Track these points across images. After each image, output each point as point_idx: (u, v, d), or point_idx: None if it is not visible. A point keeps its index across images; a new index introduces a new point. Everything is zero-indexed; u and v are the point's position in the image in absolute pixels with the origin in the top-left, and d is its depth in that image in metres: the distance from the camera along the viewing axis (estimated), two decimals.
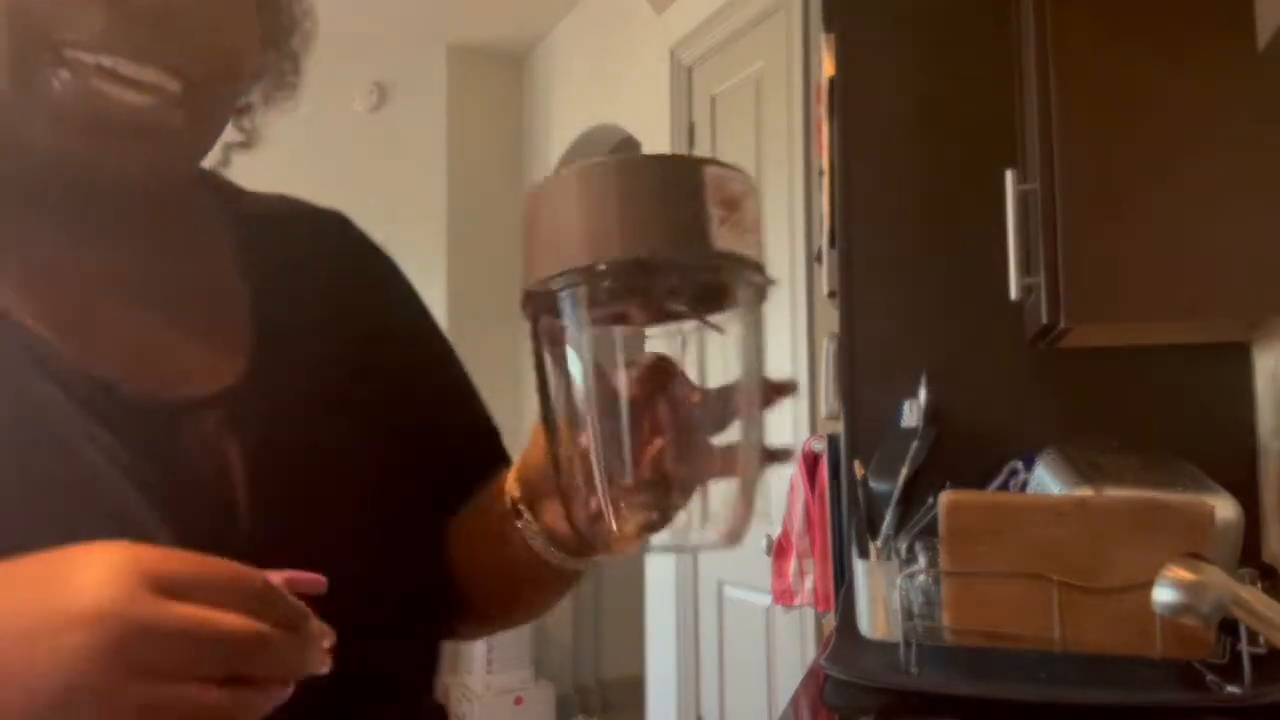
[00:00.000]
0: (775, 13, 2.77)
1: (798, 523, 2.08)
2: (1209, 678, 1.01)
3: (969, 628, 1.09)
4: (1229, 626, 0.97)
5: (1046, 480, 1.36)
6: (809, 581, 2.06)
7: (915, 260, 1.78)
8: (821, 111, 2.12)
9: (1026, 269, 1.41)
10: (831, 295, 2.00)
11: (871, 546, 1.34)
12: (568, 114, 4.01)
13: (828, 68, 1.94)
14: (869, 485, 1.56)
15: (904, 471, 1.53)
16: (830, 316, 2.21)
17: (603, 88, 3.74)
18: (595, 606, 4.32)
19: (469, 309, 3.86)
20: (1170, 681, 1.03)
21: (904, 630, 1.10)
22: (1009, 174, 1.44)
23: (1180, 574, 0.81)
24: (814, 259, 2.50)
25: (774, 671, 2.61)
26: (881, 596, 1.26)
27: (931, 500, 1.19)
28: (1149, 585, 0.83)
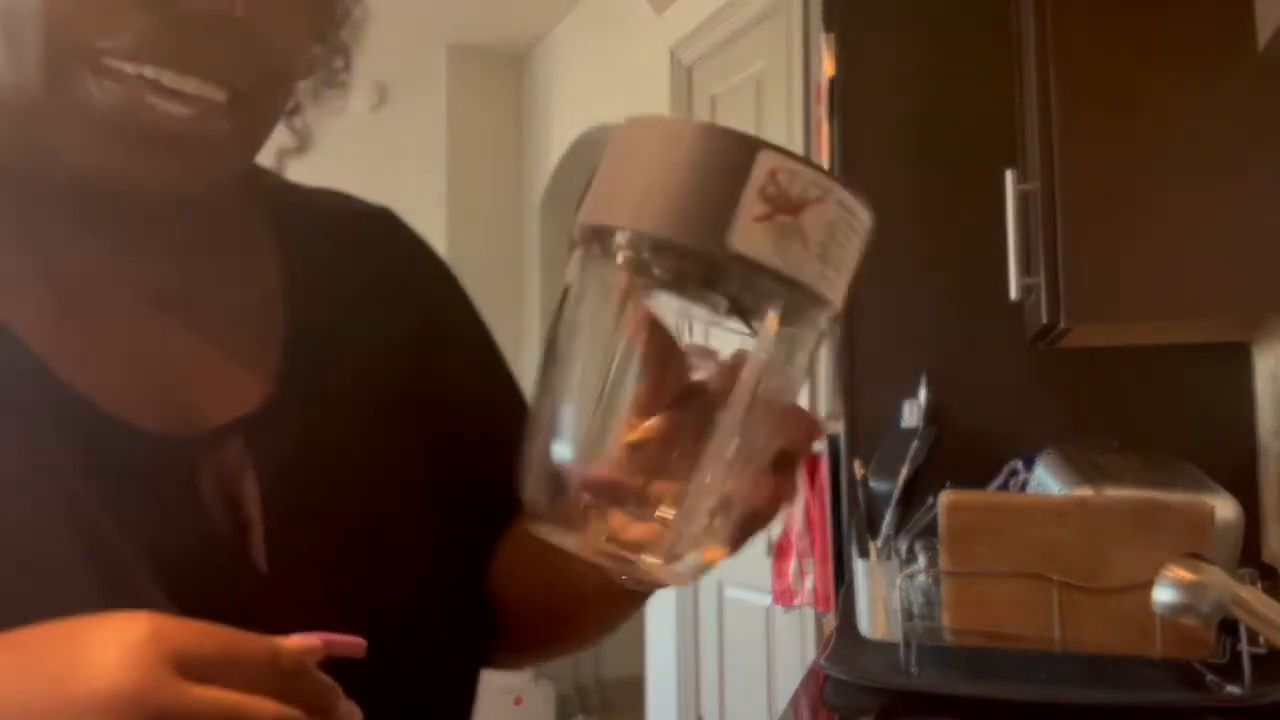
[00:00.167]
0: (775, 13, 2.77)
1: (798, 523, 2.08)
2: (1209, 678, 1.01)
3: (969, 628, 1.09)
4: (1229, 626, 0.97)
5: (1046, 480, 1.36)
6: (809, 581, 2.06)
7: (915, 260, 1.77)
8: (821, 111, 2.12)
9: (1026, 269, 1.41)
10: None
11: (871, 546, 1.34)
12: (568, 114, 4.00)
13: (828, 68, 1.94)
14: (869, 485, 1.57)
15: (904, 471, 1.53)
16: None
17: (603, 88, 3.74)
18: None
19: None
20: (1170, 681, 1.03)
21: (904, 630, 1.10)
22: (1009, 174, 1.44)
23: (1180, 574, 0.81)
24: None
25: (774, 671, 2.61)
26: (881, 596, 1.26)
27: (931, 500, 1.19)
28: (1149, 585, 0.83)
